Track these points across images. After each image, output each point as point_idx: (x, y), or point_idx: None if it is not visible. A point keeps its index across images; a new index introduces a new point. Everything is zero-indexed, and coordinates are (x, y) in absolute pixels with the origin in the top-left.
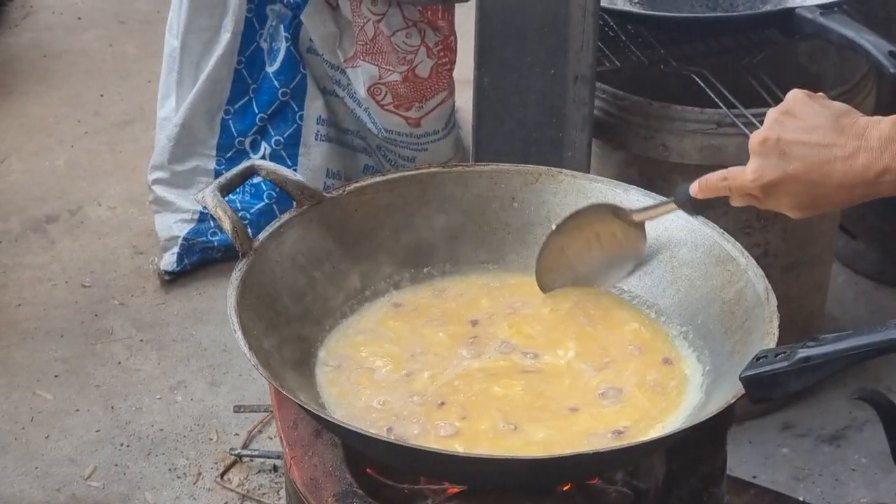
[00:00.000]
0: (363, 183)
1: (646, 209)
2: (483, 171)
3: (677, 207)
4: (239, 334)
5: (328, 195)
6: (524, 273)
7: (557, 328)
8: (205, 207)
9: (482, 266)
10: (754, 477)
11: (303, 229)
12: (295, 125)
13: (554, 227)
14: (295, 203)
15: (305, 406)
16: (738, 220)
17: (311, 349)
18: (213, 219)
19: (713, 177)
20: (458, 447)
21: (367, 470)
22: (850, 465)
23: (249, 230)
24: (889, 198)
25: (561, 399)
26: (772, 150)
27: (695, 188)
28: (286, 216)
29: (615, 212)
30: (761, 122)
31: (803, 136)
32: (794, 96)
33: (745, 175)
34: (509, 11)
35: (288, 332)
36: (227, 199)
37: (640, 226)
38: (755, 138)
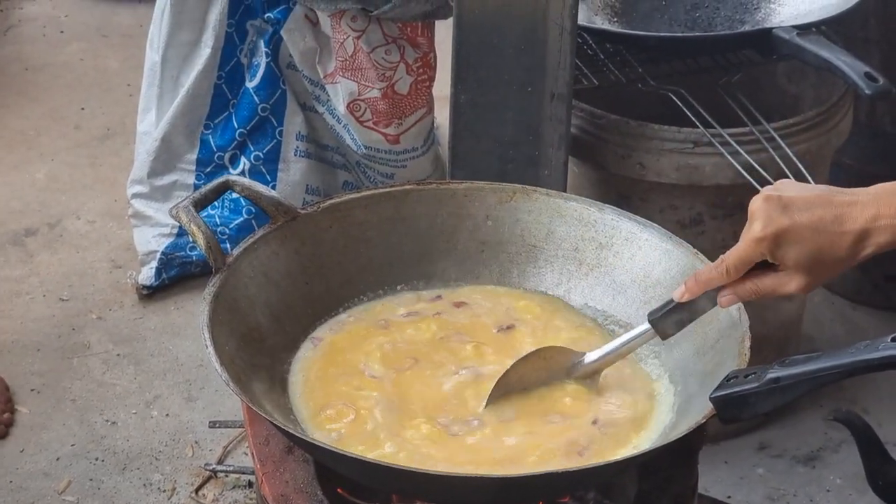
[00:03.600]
0: (337, 200)
1: (605, 356)
2: (457, 189)
3: (653, 334)
4: (210, 350)
5: (303, 211)
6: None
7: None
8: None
9: (455, 284)
10: (729, 497)
11: (277, 245)
12: (274, 141)
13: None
14: (270, 219)
15: (275, 422)
16: (715, 239)
17: (285, 365)
18: None
19: (702, 270)
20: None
21: (338, 490)
22: (826, 485)
23: (228, 245)
24: None
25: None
26: (776, 205)
27: (682, 292)
28: (260, 232)
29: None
30: (738, 142)
31: (802, 193)
32: (780, 181)
33: (751, 233)
34: (487, 29)
35: (261, 348)
36: (206, 213)
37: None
38: (757, 199)
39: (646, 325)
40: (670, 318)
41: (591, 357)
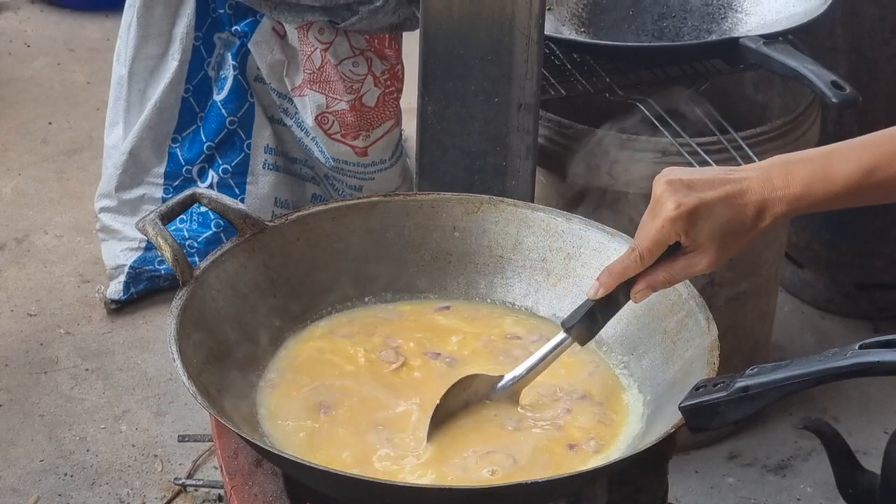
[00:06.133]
0: (305, 212)
1: (523, 375)
2: (424, 201)
3: (571, 342)
4: (178, 363)
5: (270, 224)
6: (463, 301)
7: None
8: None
9: (423, 295)
10: None
11: (245, 258)
12: (242, 154)
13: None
14: (238, 232)
15: (243, 435)
16: None
17: (253, 378)
18: None
19: (613, 262)
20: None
21: (307, 503)
22: (796, 494)
23: (197, 259)
24: (835, 228)
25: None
26: (681, 186)
27: (596, 288)
28: (228, 245)
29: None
30: (706, 151)
31: (701, 175)
32: (668, 169)
33: (663, 214)
34: (453, 40)
35: (229, 361)
36: (174, 227)
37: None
38: (659, 183)
39: (562, 335)
40: (585, 322)
41: (509, 378)
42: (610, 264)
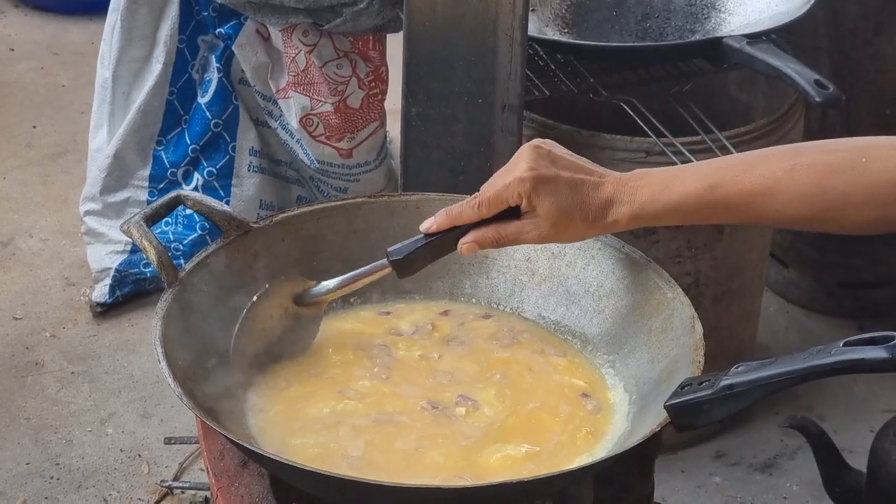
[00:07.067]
0: (290, 213)
1: (337, 287)
2: (409, 201)
3: (389, 270)
4: (163, 365)
5: (255, 225)
6: (450, 302)
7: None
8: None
9: (408, 295)
10: None
11: (229, 259)
12: (227, 156)
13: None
14: (222, 233)
15: (228, 435)
16: (669, 249)
17: (238, 379)
18: None
19: (453, 206)
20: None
21: (294, 503)
22: (783, 493)
23: (182, 261)
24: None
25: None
26: (545, 155)
27: (430, 224)
28: (212, 246)
29: (297, 297)
30: (690, 151)
31: (569, 157)
32: (546, 140)
33: (515, 172)
34: (437, 41)
35: (215, 363)
36: (159, 230)
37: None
38: (526, 146)
39: (384, 262)
40: (410, 255)
41: (323, 287)
42: (454, 208)
